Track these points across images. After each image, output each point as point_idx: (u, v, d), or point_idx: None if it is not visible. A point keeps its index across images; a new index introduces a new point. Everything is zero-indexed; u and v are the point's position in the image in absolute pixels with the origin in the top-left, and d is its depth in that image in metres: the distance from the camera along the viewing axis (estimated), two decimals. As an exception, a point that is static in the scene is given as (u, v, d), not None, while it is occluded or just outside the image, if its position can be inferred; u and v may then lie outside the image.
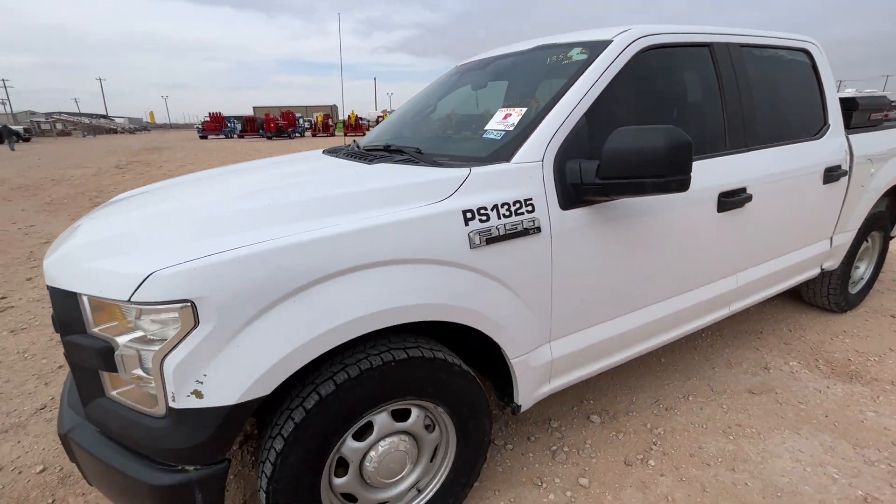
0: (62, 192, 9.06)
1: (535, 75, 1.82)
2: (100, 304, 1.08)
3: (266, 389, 1.08)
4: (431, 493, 1.52)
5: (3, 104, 74.06)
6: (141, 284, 1.01)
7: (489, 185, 1.37)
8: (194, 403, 1.04)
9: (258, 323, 1.06)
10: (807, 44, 2.34)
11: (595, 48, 1.66)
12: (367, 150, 1.93)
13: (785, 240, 2.28)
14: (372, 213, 1.23)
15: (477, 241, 1.30)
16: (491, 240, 1.32)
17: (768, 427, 2.06)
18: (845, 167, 2.41)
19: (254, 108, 75.92)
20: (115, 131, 61.53)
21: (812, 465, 1.83)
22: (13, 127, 28.02)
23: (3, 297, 3.62)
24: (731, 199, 1.87)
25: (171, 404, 1.05)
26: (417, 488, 1.52)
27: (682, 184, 1.32)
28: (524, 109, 1.60)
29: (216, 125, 37.87)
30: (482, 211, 1.32)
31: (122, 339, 1.07)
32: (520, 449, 1.96)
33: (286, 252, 1.08)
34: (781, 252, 2.31)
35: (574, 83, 1.56)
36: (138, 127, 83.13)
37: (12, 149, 23.50)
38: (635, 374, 2.48)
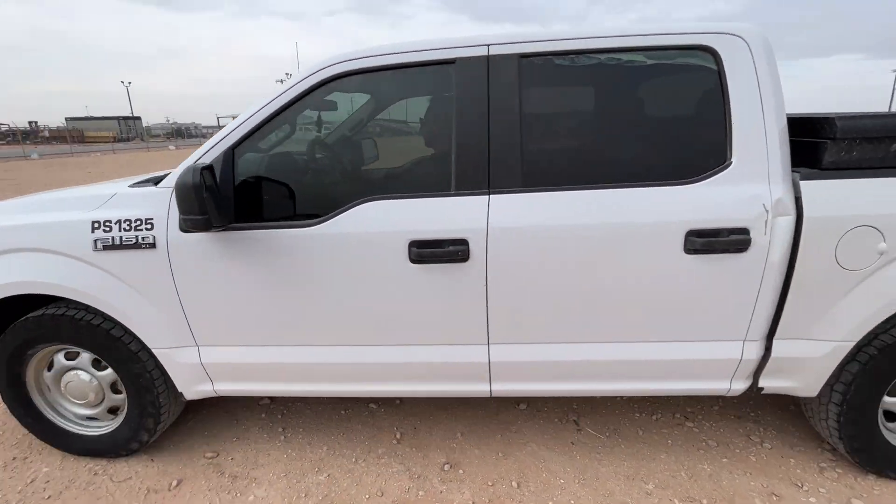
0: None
1: None
2: None
3: None
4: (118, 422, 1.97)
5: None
6: None
7: (125, 204, 1.71)
8: None
9: None
10: (714, 36, 1.52)
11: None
12: None
13: (596, 322, 1.66)
14: (41, 215, 1.78)
15: (98, 246, 1.67)
16: (108, 247, 1.67)
17: None
18: (761, 232, 1.49)
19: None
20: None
21: None
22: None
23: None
24: (429, 251, 1.56)
25: None
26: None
27: (189, 223, 1.47)
28: None
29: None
30: (107, 223, 1.67)
31: None
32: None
33: None
34: (594, 338, 1.69)
35: (242, 115, 1.68)
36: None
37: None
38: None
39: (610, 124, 1.63)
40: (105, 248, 1.68)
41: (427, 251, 1.57)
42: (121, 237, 1.67)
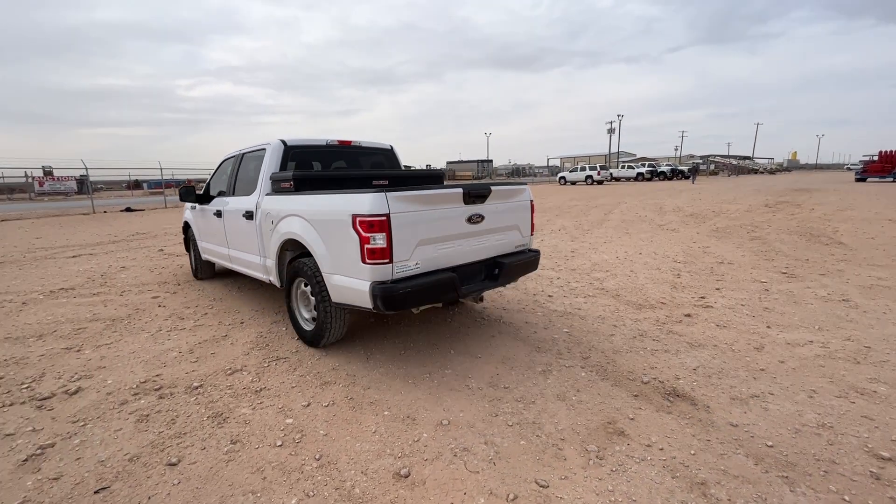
0: (722, 222, 10.62)
1: None
2: None
3: None
4: None
5: (676, 149, 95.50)
6: None
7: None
8: None
9: None
10: (267, 144, 4.39)
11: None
12: None
13: (240, 243, 4.65)
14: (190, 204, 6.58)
15: (191, 208, 6.36)
16: (192, 209, 6.37)
17: None
18: (254, 213, 4.21)
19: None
20: (755, 171, 64.58)
21: None
22: (692, 167, 37.48)
23: (702, 298, 4.77)
24: (214, 213, 5.20)
25: None
26: None
27: (184, 199, 5.67)
28: None
29: (885, 166, 31.07)
30: (193, 205, 6.29)
31: None
32: None
33: None
34: (240, 249, 4.70)
35: (210, 175, 6.60)
36: (778, 167, 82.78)
37: (693, 182, 31.30)
38: None
39: (247, 175, 4.63)
40: (191, 209, 6.12)
41: (216, 211, 5.17)
42: (192, 206, 6.03)
